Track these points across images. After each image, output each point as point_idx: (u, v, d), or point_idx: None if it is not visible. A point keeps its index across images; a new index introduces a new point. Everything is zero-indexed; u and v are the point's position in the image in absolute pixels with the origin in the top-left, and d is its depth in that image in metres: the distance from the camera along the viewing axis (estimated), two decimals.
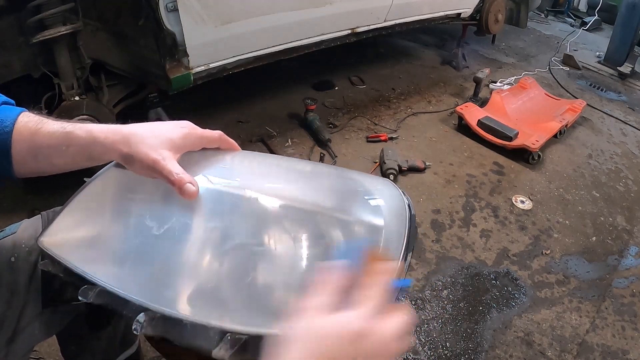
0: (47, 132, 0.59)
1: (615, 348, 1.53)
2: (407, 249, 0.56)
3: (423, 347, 1.44)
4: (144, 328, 0.50)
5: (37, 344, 0.72)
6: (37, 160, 0.60)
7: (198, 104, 2.42)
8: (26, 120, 0.60)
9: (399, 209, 0.61)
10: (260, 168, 0.70)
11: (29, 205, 1.70)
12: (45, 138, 0.59)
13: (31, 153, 0.60)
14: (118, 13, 1.62)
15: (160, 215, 0.60)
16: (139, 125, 0.62)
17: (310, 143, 2.31)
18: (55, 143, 0.59)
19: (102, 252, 0.59)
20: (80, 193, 0.63)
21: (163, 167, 0.57)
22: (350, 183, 0.68)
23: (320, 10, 2.06)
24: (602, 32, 4.80)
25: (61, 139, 0.59)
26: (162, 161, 0.58)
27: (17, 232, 0.68)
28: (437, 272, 1.71)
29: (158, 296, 0.53)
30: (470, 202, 2.09)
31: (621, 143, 2.79)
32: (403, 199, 0.63)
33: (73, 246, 0.59)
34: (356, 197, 0.65)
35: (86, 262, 0.56)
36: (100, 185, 0.64)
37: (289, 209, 0.60)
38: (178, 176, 0.57)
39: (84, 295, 0.54)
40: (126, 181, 0.64)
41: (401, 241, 0.57)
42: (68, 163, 0.61)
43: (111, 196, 0.64)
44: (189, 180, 0.58)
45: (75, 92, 1.59)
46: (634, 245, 2.01)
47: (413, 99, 2.89)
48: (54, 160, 0.61)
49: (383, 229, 0.58)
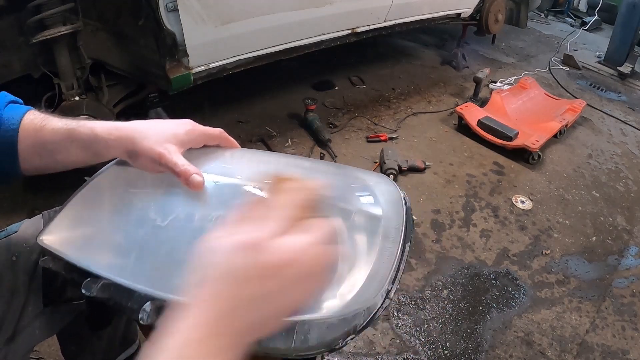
0: (52, 128, 0.61)
1: (615, 348, 1.53)
2: (405, 239, 0.57)
3: (423, 347, 1.44)
4: (150, 317, 0.49)
5: (38, 343, 0.72)
6: (42, 157, 0.62)
7: (198, 104, 2.42)
8: (32, 118, 0.61)
9: (395, 202, 0.62)
10: (260, 163, 0.70)
11: (29, 205, 1.70)
12: (50, 134, 0.60)
13: (36, 150, 0.61)
14: (118, 13, 1.62)
15: (161, 209, 0.61)
16: (142, 122, 0.63)
17: (310, 143, 2.31)
18: (58, 139, 0.60)
19: (103, 246, 0.59)
20: (80, 191, 0.64)
21: (169, 159, 0.59)
22: (347, 178, 0.68)
23: (320, 10, 2.06)
24: (602, 32, 4.80)
25: (64, 135, 0.60)
26: (168, 154, 0.59)
27: (18, 231, 0.68)
28: (437, 272, 1.71)
29: (163, 285, 0.52)
30: (470, 202, 2.09)
31: (621, 143, 2.79)
32: (399, 193, 0.64)
33: (74, 242, 0.59)
34: (354, 190, 0.65)
35: (87, 257, 0.56)
36: (101, 184, 0.65)
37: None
38: (184, 167, 0.58)
39: (87, 288, 0.53)
40: (127, 178, 0.64)
41: (399, 231, 0.58)
42: (72, 160, 0.62)
43: (111, 193, 0.65)
44: (195, 172, 0.59)
45: (75, 92, 1.59)
46: (634, 245, 2.01)
47: (413, 99, 2.89)
48: (58, 157, 0.62)
49: (382, 219, 0.59)
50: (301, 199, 0.44)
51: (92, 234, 0.60)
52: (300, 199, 0.44)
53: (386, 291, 0.51)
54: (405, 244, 0.57)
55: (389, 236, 0.57)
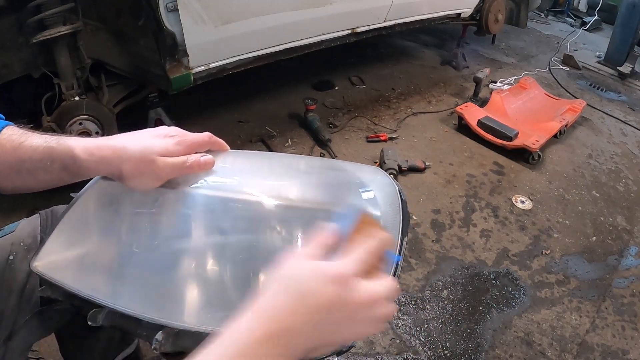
0: (30, 146, 0.57)
1: (615, 348, 1.53)
2: (403, 233, 0.59)
3: (423, 347, 1.44)
4: (163, 345, 0.49)
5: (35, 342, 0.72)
6: (21, 175, 0.58)
7: (198, 104, 2.42)
8: (10, 134, 0.58)
9: (391, 196, 0.63)
10: (253, 168, 0.68)
11: (28, 205, 1.70)
12: (29, 152, 0.56)
13: (14, 168, 0.57)
14: (118, 13, 1.62)
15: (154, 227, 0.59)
16: (128, 137, 0.60)
17: (310, 143, 2.31)
18: (39, 157, 0.56)
19: (99, 270, 0.57)
20: (68, 211, 0.60)
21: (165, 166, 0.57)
22: (343, 175, 0.69)
23: (320, 10, 2.06)
24: (602, 32, 4.80)
25: (44, 154, 0.56)
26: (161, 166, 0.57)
27: (15, 231, 0.68)
28: (437, 272, 1.71)
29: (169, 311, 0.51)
30: (470, 202, 2.09)
31: (621, 143, 2.79)
32: (394, 186, 0.65)
33: (69, 268, 0.56)
34: (350, 188, 0.65)
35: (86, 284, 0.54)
36: (89, 201, 0.61)
37: (286, 210, 0.60)
38: (189, 160, 0.59)
39: (93, 319, 0.52)
40: (114, 194, 0.61)
41: (397, 224, 0.59)
42: (53, 179, 0.58)
43: (101, 211, 0.61)
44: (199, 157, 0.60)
45: (75, 92, 1.59)
46: (634, 245, 2.01)
47: (413, 99, 2.89)
48: (39, 176, 0.58)
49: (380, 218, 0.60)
50: (379, 249, 0.47)
51: (86, 257, 0.58)
52: (379, 250, 0.47)
53: None
54: (402, 239, 0.58)
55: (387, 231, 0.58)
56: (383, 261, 0.48)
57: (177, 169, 0.58)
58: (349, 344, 0.47)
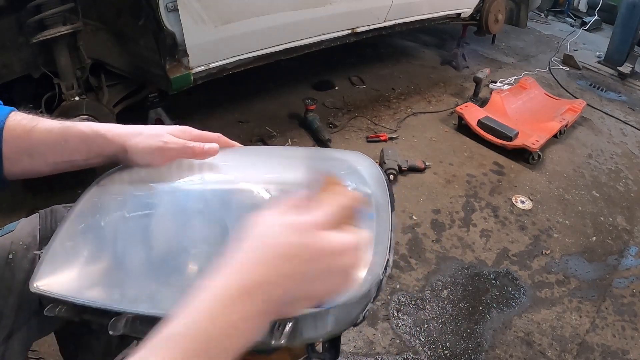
0: (45, 128, 0.60)
1: (615, 348, 1.53)
2: (392, 208, 0.62)
3: (423, 347, 1.43)
4: None
5: (35, 341, 0.72)
6: (32, 159, 0.60)
7: (198, 104, 2.42)
8: (19, 119, 0.60)
9: (377, 176, 0.67)
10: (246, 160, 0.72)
11: (28, 205, 1.70)
12: (43, 134, 0.59)
13: (27, 151, 0.60)
14: (118, 13, 1.62)
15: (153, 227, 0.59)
16: (138, 125, 0.65)
17: (310, 143, 2.31)
18: (53, 139, 0.60)
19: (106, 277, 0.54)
20: (63, 225, 0.60)
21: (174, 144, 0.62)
22: (331, 161, 0.73)
23: (320, 10, 2.07)
24: (602, 32, 4.80)
25: (60, 134, 0.60)
26: (170, 142, 0.62)
27: (15, 230, 0.68)
28: (437, 272, 1.71)
29: None
30: (470, 202, 2.09)
31: (621, 143, 2.79)
32: (377, 167, 0.70)
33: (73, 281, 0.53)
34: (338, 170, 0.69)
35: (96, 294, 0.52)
36: (82, 213, 0.61)
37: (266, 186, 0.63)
38: (193, 145, 0.64)
39: (114, 329, 0.49)
40: (107, 202, 0.62)
41: (386, 201, 0.63)
42: (65, 161, 0.61)
43: (96, 221, 0.61)
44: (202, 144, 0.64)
45: (75, 92, 1.59)
46: (634, 245, 2.01)
47: (413, 99, 2.89)
48: (50, 159, 0.61)
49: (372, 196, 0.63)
50: (347, 204, 0.48)
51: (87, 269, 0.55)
52: (346, 205, 0.47)
53: (386, 260, 0.54)
54: (391, 215, 0.61)
55: (379, 210, 0.61)
56: (354, 218, 0.48)
57: (183, 150, 0.63)
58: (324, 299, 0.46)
